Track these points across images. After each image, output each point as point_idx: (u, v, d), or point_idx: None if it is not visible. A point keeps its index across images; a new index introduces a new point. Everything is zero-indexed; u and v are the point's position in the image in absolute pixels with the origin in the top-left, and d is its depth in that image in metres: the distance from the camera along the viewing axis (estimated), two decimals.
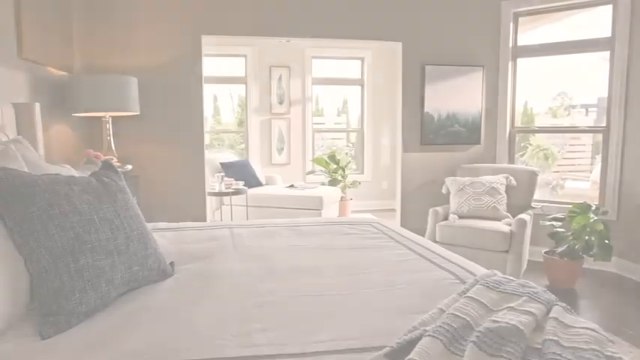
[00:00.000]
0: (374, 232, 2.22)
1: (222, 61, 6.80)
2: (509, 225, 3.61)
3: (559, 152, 5.75)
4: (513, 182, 3.96)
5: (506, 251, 3.52)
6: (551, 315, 1.14)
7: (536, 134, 5.20)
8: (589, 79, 4.61)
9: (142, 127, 3.90)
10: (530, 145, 5.48)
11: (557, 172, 5.70)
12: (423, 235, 3.96)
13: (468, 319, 1.07)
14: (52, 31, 3.13)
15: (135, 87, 3.44)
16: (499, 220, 3.76)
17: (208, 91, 6.99)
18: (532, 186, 4.00)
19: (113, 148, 3.46)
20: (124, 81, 3.32)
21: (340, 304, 1.33)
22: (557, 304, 1.21)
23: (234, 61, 6.74)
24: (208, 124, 7.01)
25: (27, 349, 1.10)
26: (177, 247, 1.96)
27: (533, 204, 4.00)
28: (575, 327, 1.08)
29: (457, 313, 1.08)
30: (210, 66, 6.71)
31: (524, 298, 1.20)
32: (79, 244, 1.27)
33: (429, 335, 1.01)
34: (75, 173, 1.93)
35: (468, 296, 1.20)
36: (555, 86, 4.93)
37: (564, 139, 5.81)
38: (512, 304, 1.16)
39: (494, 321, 1.06)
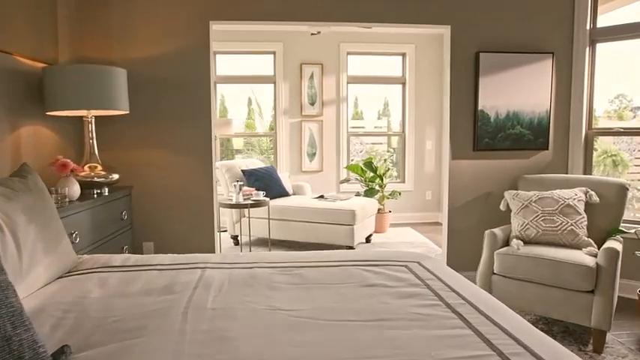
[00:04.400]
0: (411, 281, 1.47)
1: (251, 59, 6.22)
2: (594, 255, 2.75)
3: (629, 159, 4.86)
4: (595, 198, 3.08)
5: (591, 291, 2.66)
6: None
7: (599, 138, 4.34)
8: None
9: (133, 129, 3.32)
10: (595, 150, 4.60)
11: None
12: (476, 264, 3.15)
13: None
14: (21, 13, 2.58)
15: (123, 80, 2.84)
16: (579, 247, 2.90)
17: (243, 92, 6.45)
18: (621, 204, 3.09)
19: (97, 153, 2.87)
20: (109, 72, 2.72)
21: None
22: None
23: (262, 58, 6.14)
24: (233, 127, 6.43)
25: None
26: (107, 304, 1.29)
27: (622, 227, 3.10)
28: None
29: None
30: (238, 64, 6.16)
31: None
32: None
33: None
34: None
35: None
36: (612, 88, 4.27)
37: (632, 144, 4.94)
38: None
39: None
